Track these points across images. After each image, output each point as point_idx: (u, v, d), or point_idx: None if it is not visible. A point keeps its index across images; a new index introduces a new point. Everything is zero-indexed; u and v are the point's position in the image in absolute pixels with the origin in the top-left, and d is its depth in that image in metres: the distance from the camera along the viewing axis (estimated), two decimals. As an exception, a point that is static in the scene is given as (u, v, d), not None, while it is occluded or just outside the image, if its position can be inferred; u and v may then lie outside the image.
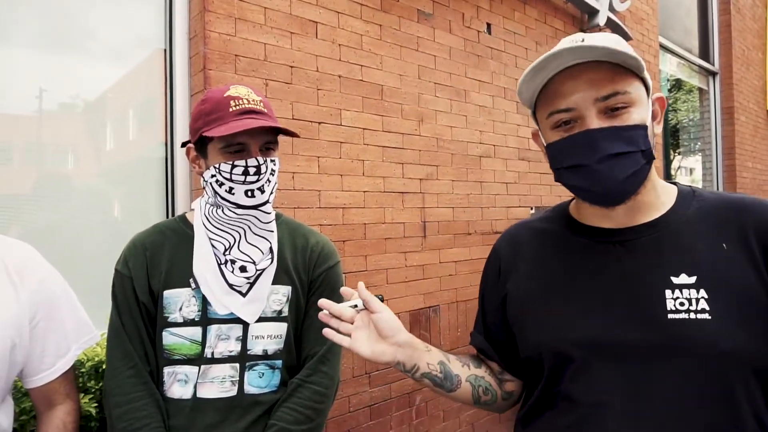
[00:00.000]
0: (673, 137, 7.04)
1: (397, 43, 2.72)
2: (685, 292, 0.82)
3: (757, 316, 0.80)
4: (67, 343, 1.16)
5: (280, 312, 1.20)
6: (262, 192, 1.15)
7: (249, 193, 1.14)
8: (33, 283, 1.09)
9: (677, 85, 6.75)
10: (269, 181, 1.17)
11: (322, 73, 2.40)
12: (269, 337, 1.19)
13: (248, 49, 2.15)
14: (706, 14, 6.34)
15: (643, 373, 0.82)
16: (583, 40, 0.82)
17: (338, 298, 1.25)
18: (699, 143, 6.46)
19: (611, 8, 3.95)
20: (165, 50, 2.17)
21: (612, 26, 4.02)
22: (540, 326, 0.93)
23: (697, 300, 0.81)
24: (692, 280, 0.82)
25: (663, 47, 5.33)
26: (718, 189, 6.25)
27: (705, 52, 6.28)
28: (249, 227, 1.19)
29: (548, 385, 0.92)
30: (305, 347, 1.24)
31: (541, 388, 0.93)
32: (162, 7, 2.18)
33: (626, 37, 4.19)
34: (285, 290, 1.22)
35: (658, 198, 0.90)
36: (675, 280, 0.83)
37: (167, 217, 2.14)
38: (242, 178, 1.13)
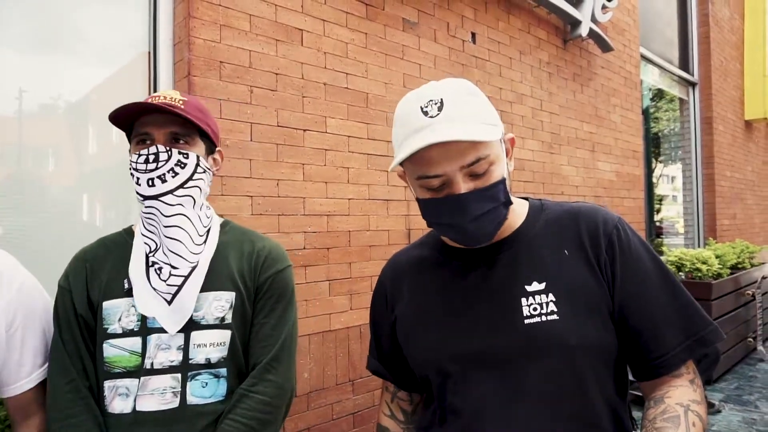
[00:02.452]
0: (654, 146, 7.17)
1: (383, 51, 2.74)
2: (537, 297, 0.91)
3: (596, 311, 0.90)
4: (45, 352, 1.15)
5: (222, 319, 1.15)
6: (163, 182, 1.12)
7: (149, 182, 1.12)
8: (11, 290, 1.08)
9: (659, 94, 6.88)
10: (174, 173, 1.13)
11: (307, 81, 2.41)
12: (212, 345, 1.14)
13: (233, 56, 2.15)
14: (685, 26, 6.48)
15: (512, 377, 0.90)
16: (437, 113, 0.85)
17: (285, 304, 1.23)
18: (680, 152, 6.59)
19: (593, 19, 4.02)
20: (149, 54, 2.17)
21: (594, 37, 4.09)
22: (423, 347, 1.00)
23: (547, 303, 0.90)
24: (542, 286, 0.92)
25: (644, 58, 5.43)
26: (697, 197, 6.37)
27: (685, 63, 6.41)
28: (157, 226, 1.15)
29: (439, 401, 0.99)
30: (251, 355, 1.19)
31: (435, 405, 1.01)
32: (147, 11, 2.17)
33: (608, 48, 4.27)
34: (228, 296, 1.17)
35: (514, 214, 0.99)
36: (528, 288, 0.92)
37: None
38: (144, 166, 1.12)
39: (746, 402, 3.82)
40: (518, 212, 1.01)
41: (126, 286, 1.14)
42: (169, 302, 1.12)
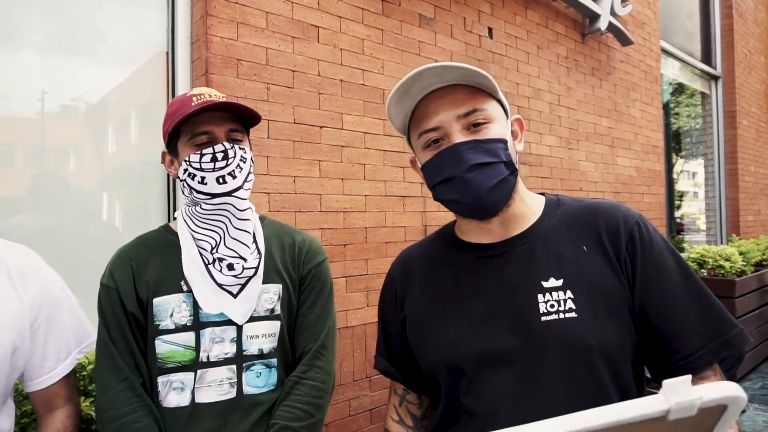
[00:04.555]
0: (675, 141, 7.04)
1: (399, 47, 2.73)
2: (555, 294, 0.88)
3: (616, 309, 0.87)
4: (68, 347, 1.17)
5: (272, 310, 1.20)
6: (234, 177, 1.15)
7: (220, 180, 1.14)
8: (35, 286, 1.10)
9: (679, 89, 6.75)
10: (240, 168, 1.16)
11: (324, 78, 2.41)
12: (264, 336, 1.18)
13: (250, 54, 2.16)
14: (708, 18, 6.34)
15: (527, 376, 0.87)
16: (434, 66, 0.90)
17: (327, 295, 1.29)
18: (701, 147, 6.46)
19: (612, 12, 3.95)
20: (167, 53, 2.19)
21: (613, 30, 4.02)
22: (434, 344, 0.97)
23: (565, 301, 0.87)
24: (560, 282, 0.89)
25: (665, 51, 5.33)
26: (720, 193, 6.24)
27: (707, 56, 6.27)
28: (229, 220, 1.18)
29: (449, 401, 0.96)
30: (299, 344, 1.24)
31: (444, 405, 0.97)
32: (164, 11, 2.19)
33: (627, 42, 4.20)
34: (276, 288, 1.22)
35: (529, 208, 0.97)
36: (545, 284, 0.89)
37: (169, 220, 2.15)
38: (211, 165, 1.13)
39: (771, 402, 3.74)
40: (534, 208, 0.98)
41: (184, 288, 1.15)
42: (235, 295, 1.15)
